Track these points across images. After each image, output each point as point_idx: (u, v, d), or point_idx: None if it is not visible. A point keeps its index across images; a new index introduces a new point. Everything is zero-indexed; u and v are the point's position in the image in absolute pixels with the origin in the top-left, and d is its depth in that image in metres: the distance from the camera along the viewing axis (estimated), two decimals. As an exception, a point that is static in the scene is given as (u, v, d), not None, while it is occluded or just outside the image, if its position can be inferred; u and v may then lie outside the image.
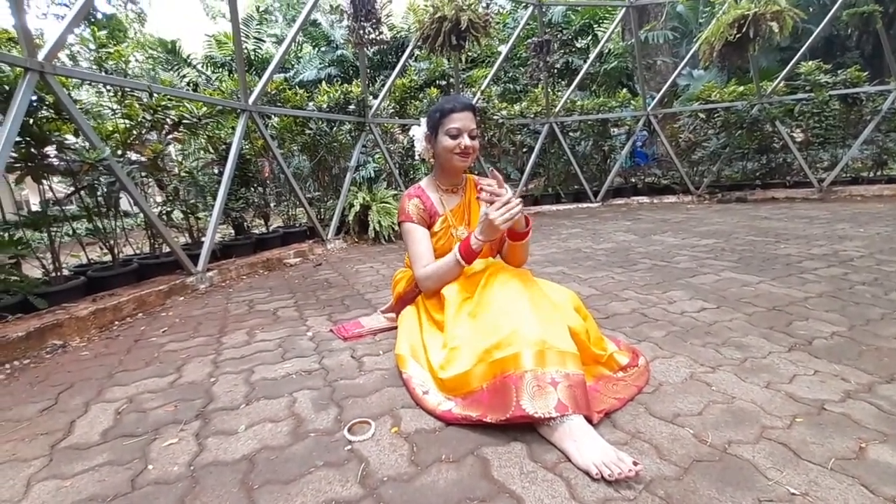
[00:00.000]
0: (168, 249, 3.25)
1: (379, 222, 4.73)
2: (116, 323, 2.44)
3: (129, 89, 3.09)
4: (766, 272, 2.55)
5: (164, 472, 1.03)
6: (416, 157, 1.73)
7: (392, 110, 5.95)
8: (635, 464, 0.87)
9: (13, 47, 2.52)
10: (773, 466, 0.89)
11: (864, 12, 5.67)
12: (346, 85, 5.21)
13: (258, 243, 4.20)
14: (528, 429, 1.06)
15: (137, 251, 3.60)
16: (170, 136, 3.65)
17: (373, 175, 5.41)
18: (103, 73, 3.07)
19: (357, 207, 4.78)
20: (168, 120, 3.37)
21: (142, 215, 3.17)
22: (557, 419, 1.00)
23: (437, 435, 1.10)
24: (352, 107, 4.99)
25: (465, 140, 1.52)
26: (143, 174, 3.44)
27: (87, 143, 2.67)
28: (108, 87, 3.15)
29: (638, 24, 7.00)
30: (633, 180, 7.79)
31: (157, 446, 1.13)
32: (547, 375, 1.04)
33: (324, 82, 6.91)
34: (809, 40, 6.42)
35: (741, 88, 6.72)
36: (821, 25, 6.35)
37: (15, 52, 2.43)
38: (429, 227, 1.63)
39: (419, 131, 1.66)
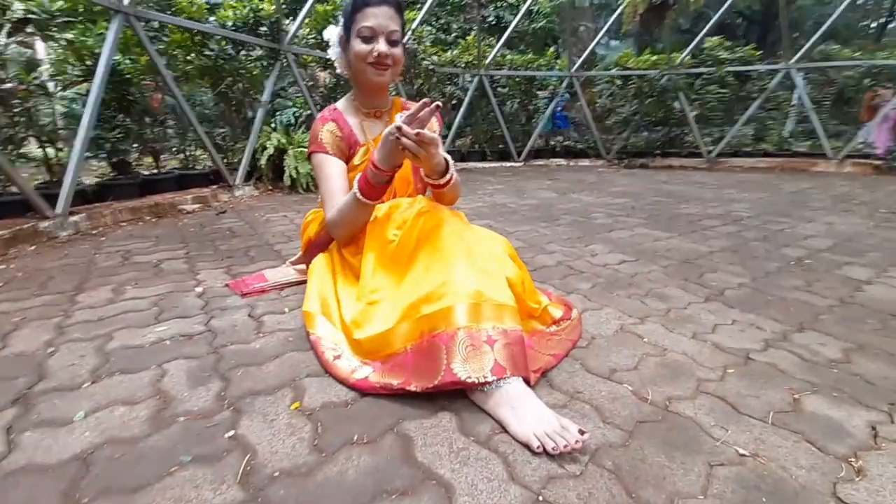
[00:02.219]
0: (17, 187, 2.55)
1: (296, 168, 4.22)
2: (-75, 279, 1.85)
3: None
4: (673, 229, 2.68)
5: (-53, 483, 0.71)
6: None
7: (313, 40, 5.20)
8: (581, 432, 0.76)
9: None
10: (716, 424, 0.84)
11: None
12: (255, 0, 4.40)
13: (145, 185, 3.55)
14: (457, 395, 0.91)
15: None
16: (13, 39, 2.79)
17: (292, 120, 4.76)
18: None
19: (271, 150, 4.20)
20: (10, 14, 2.55)
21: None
22: (493, 383, 0.86)
23: (349, 410, 0.90)
24: (263, 29, 4.25)
25: (381, 45, 1.20)
26: None
27: None
28: None
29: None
30: (553, 143, 8.00)
31: (-59, 447, 0.80)
32: (482, 333, 0.89)
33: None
34: (710, 23, 6.82)
35: (654, 58, 7.04)
36: (722, 9, 6.76)
37: None
38: (347, 160, 1.36)
39: (334, 33, 1.32)
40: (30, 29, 2.83)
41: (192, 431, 0.83)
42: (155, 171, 4.04)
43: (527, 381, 0.91)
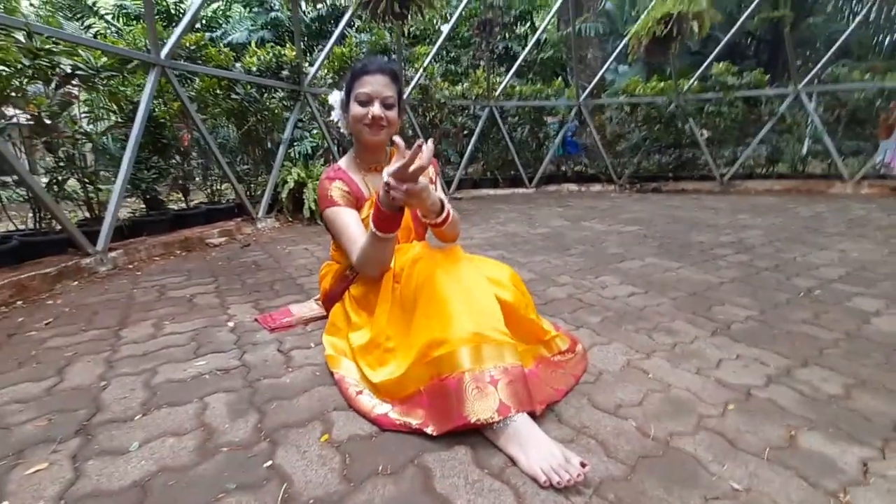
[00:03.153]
0: (61, 225, 2.76)
1: (315, 200, 4.42)
2: (-16, 314, 2.02)
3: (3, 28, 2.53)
4: (684, 258, 2.72)
5: (25, 508, 0.82)
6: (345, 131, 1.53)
7: (330, 80, 5.53)
8: (583, 465, 0.84)
9: None
10: (714, 459, 0.90)
11: (774, 17, 6.22)
12: (278, 47, 4.73)
13: (176, 220, 3.76)
14: (471, 430, 0.99)
15: (22, 226, 3.04)
16: (62, 91, 3.07)
17: (310, 151, 5.02)
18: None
19: (291, 184, 4.42)
20: (58, 70, 2.82)
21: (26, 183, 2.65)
22: (501, 422, 0.94)
23: (374, 442, 0.99)
24: (285, 72, 4.54)
25: (375, 108, 1.32)
26: (28, 135, 2.87)
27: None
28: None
29: (574, 13, 7.17)
30: (564, 168, 8.13)
31: (17, 475, 0.91)
32: (486, 374, 0.97)
33: (254, 44, 6.26)
34: (719, 46, 6.97)
35: (661, 85, 7.17)
36: (731, 32, 6.92)
37: None
38: (354, 208, 1.45)
39: (337, 97, 1.46)
40: (75, 81, 3.11)
41: (234, 461, 0.93)
42: (184, 206, 4.27)
43: (532, 413, 0.99)
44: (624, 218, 4.41)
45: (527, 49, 7.74)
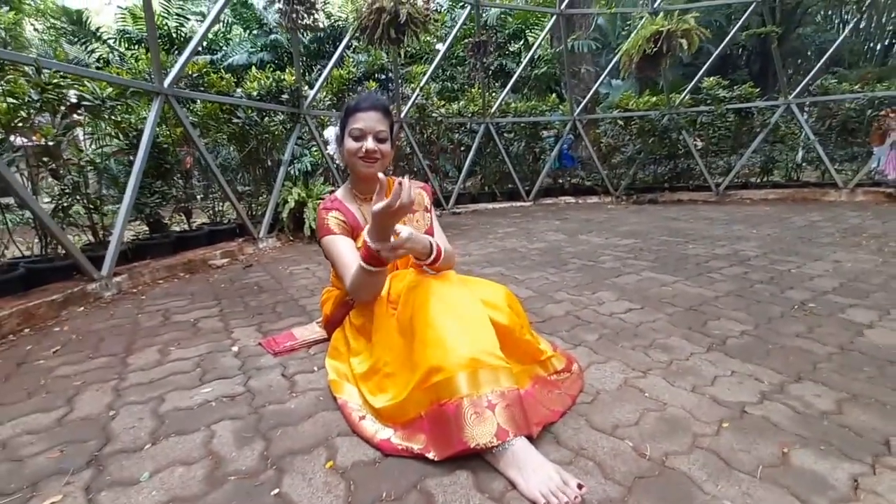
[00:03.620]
0: (65, 251, 2.81)
1: (315, 219, 4.48)
2: (-8, 343, 2.05)
3: (9, 62, 2.61)
4: (679, 272, 2.76)
5: (43, 539, 0.85)
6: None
7: (329, 102, 5.66)
8: (580, 486, 0.87)
9: None
10: (708, 479, 0.93)
11: (761, 33, 6.37)
12: (278, 72, 4.85)
13: (179, 242, 3.80)
14: (472, 454, 1.02)
15: (28, 252, 3.09)
16: (67, 120, 3.15)
17: (309, 168, 5.12)
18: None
19: (292, 204, 4.49)
20: (65, 101, 2.90)
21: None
22: (500, 446, 0.97)
23: (377, 468, 1.02)
24: (285, 96, 4.65)
25: (369, 143, 1.40)
26: (34, 163, 2.94)
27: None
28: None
29: (566, 31, 7.33)
30: (561, 181, 8.23)
31: (34, 507, 0.94)
32: (483, 399, 1.01)
33: (255, 68, 6.41)
34: (710, 60, 7.12)
35: (654, 99, 7.31)
36: (721, 45, 7.09)
37: None
38: (351, 237, 1.49)
39: (332, 133, 1.53)
40: (80, 111, 3.19)
41: (242, 490, 0.96)
42: (186, 227, 4.32)
43: (530, 436, 1.02)
44: (621, 230, 4.46)
45: (521, 66, 7.90)
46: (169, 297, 2.73)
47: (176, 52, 8.63)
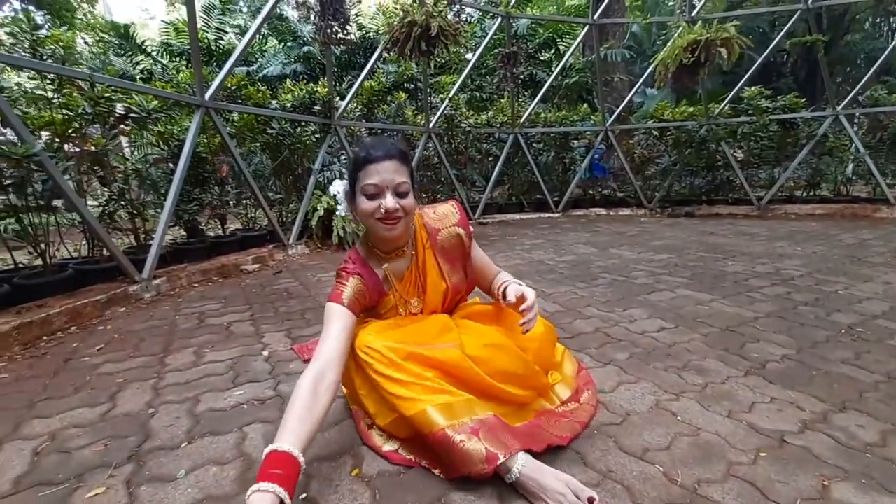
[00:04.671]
0: (109, 253, 2.97)
1: (343, 227, 4.58)
2: (45, 339, 2.19)
3: (68, 77, 2.81)
4: (716, 290, 2.65)
5: (87, 530, 0.89)
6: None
7: (359, 112, 5.81)
8: (591, 500, 0.87)
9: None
10: (743, 511, 0.89)
11: (806, 41, 6.12)
12: (311, 84, 5.03)
13: (213, 247, 3.96)
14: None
15: (76, 254, 3.29)
16: (115, 131, 3.37)
17: (338, 176, 5.25)
18: (36, 59, 2.77)
19: (321, 212, 4.61)
20: (114, 113, 3.11)
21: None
22: (508, 472, 0.96)
23: (402, 479, 1.03)
24: (317, 107, 4.81)
25: (388, 200, 1.13)
26: (83, 170, 3.14)
27: (16, 136, 2.40)
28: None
29: (598, 41, 7.25)
30: (592, 192, 8.05)
31: (79, 498, 0.99)
32: (465, 426, 1.01)
33: (289, 79, 6.65)
34: (753, 68, 6.86)
35: (691, 109, 7.09)
36: (764, 54, 6.83)
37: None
38: (369, 307, 1.30)
39: (341, 187, 1.29)
40: (128, 122, 3.39)
41: (272, 494, 0.98)
42: (221, 233, 4.50)
43: (533, 452, 1.01)
44: (654, 245, 4.33)
45: (552, 77, 7.85)
46: (204, 301, 2.84)
47: (214, 63, 9.08)
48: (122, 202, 3.38)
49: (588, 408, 1.29)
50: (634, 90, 8.03)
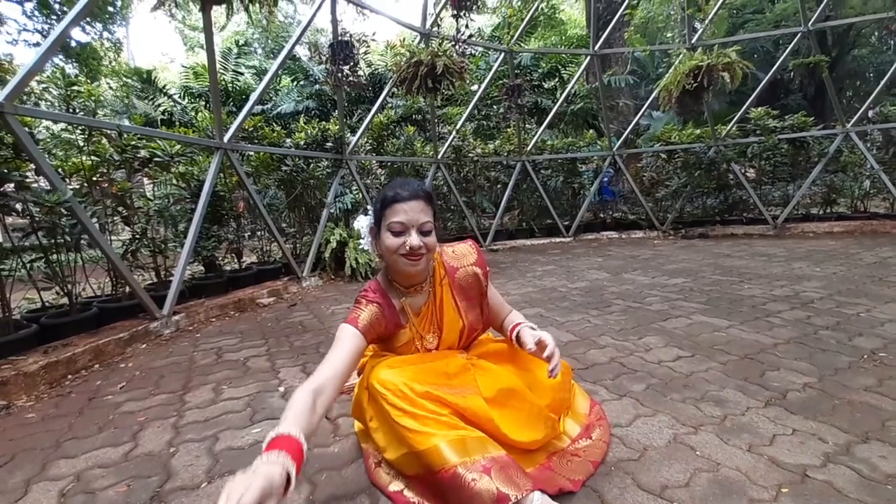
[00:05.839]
0: (131, 290, 3.07)
1: (356, 259, 4.66)
2: (69, 377, 2.26)
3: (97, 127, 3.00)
4: (734, 315, 2.61)
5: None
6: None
7: (369, 146, 6.00)
8: None
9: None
10: (765, 553, 0.87)
11: (809, 62, 6.17)
12: (323, 122, 5.24)
13: (230, 281, 4.05)
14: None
15: (98, 292, 3.40)
16: (140, 174, 3.55)
17: (350, 207, 5.37)
18: (70, 113, 2.97)
19: (334, 244, 4.71)
20: (139, 157, 3.28)
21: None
22: None
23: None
24: (329, 144, 5.00)
25: (413, 238, 1.18)
26: (109, 213, 3.29)
27: (48, 183, 2.55)
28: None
29: (601, 69, 7.41)
30: (602, 215, 8.05)
31: (105, 542, 1.01)
32: (477, 464, 1.00)
33: (302, 116, 6.91)
34: (759, 88, 6.92)
35: (698, 131, 7.12)
36: (769, 75, 6.89)
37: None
38: (383, 337, 1.33)
39: (365, 223, 1.33)
40: (151, 165, 3.56)
41: (290, 537, 0.99)
42: (237, 266, 4.61)
43: (549, 493, 1.00)
44: (668, 268, 4.29)
45: (557, 104, 8.00)
46: (221, 336, 2.89)
47: (231, 103, 9.50)
48: (145, 241, 3.51)
49: (601, 445, 1.28)
50: (640, 114, 8.13)
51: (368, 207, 1.38)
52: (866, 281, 3.26)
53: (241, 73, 11.05)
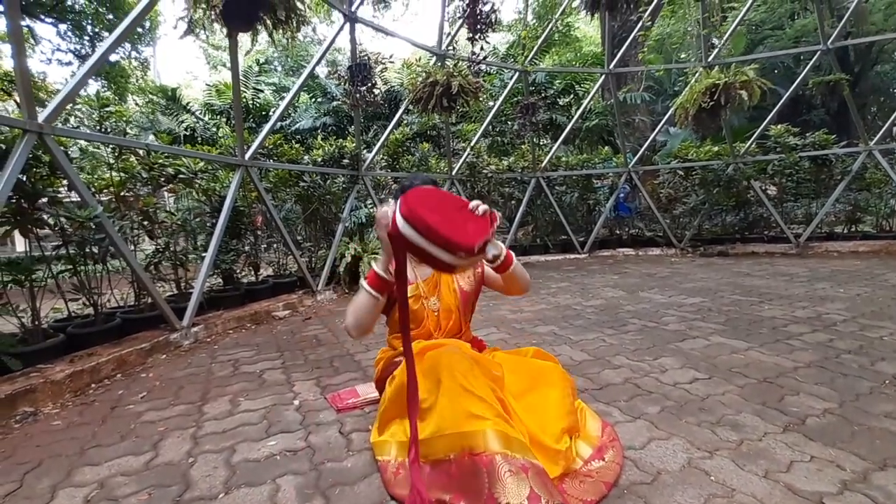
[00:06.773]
0: (153, 301, 3.17)
1: (370, 273, 4.72)
2: (93, 386, 2.33)
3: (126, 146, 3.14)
4: (753, 337, 2.56)
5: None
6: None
7: (385, 162, 6.11)
8: None
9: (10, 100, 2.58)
10: (780, 583, 0.85)
11: (830, 80, 6.10)
12: (340, 140, 5.37)
13: (247, 294, 4.13)
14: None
15: (121, 303, 3.51)
16: (164, 189, 3.69)
17: (364, 221, 5.47)
18: (102, 133, 3.12)
19: (349, 259, 4.78)
20: (164, 174, 3.42)
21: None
22: None
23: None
24: (345, 161, 5.12)
25: None
26: (135, 226, 3.42)
27: (79, 198, 2.67)
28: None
29: (616, 87, 7.43)
30: (619, 232, 7.97)
31: (127, 549, 1.05)
32: (518, 461, 1.04)
33: (319, 132, 7.09)
34: (779, 105, 6.84)
35: (716, 148, 7.04)
36: (789, 91, 6.80)
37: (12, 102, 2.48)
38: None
39: (388, 209, 1.53)
40: (175, 181, 3.71)
41: (303, 551, 1.01)
42: (254, 279, 4.71)
43: None
44: (686, 287, 4.21)
45: (572, 121, 8.04)
46: (238, 348, 2.95)
47: (251, 119, 9.81)
48: (167, 254, 3.63)
49: (614, 466, 1.28)
50: (657, 131, 8.09)
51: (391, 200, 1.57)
52: (891, 303, 3.17)
53: (262, 91, 11.41)
